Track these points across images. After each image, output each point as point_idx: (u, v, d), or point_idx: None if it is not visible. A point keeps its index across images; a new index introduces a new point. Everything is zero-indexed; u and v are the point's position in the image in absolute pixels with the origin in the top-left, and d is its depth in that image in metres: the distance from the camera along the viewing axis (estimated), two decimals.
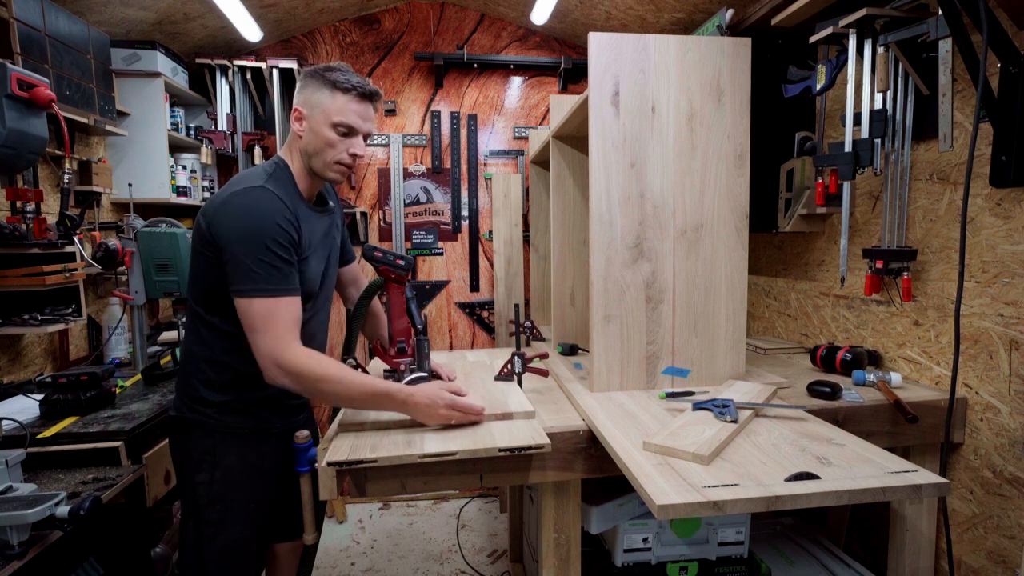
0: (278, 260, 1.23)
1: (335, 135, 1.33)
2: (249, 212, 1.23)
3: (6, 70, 1.58)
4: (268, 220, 1.22)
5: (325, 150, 1.33)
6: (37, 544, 1.23)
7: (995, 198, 1.47)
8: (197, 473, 1.36)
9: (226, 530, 1.37)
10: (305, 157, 1.37)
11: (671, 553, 1.73)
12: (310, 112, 1.34)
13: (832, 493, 0.99)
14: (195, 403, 1.36)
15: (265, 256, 1.21)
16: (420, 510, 3.18)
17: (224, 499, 1.36)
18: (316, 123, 1.33)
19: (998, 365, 1.47)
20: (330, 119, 1.32)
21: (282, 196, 1.28)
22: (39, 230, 1.91)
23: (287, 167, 1.37)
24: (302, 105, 1.35)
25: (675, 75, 1.57)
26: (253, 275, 1.21)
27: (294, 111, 1.36)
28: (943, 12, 1.29)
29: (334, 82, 1.31)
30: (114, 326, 2.37)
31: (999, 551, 1.48)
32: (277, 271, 1.23)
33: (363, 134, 1.37)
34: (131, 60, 2.53)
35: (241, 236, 1.21)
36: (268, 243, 1.21)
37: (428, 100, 3.24)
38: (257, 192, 1.25)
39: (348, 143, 1.35)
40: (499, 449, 1.24)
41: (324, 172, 1.37)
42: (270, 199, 1.25)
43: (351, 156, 1.36)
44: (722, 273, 1.63)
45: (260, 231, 1.21)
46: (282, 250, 1.24)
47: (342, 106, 1.32)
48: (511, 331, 1.92)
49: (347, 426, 1.36)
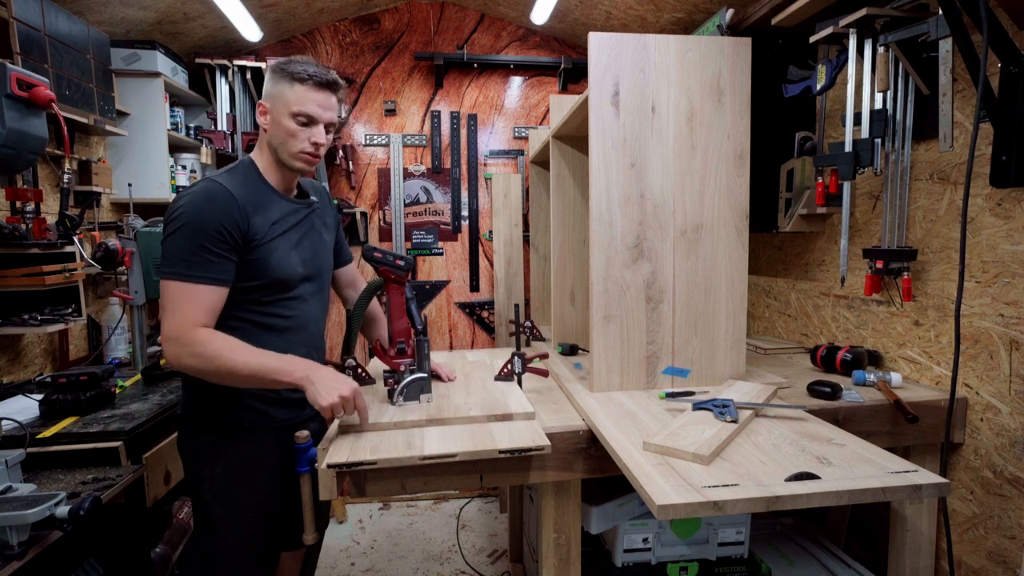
0: (204, 250, 1.24)
1: (295, 125, 1.35)
2: (190, 204, 1.26)
3: (6, 70, 1.58)
4: (204, 213, 1.25)
5: (288, 140, 1.36)
6: (37, 544, 1.23)
7: (995, 198, 1.47)
8: (201, 469, 1.38)
9: (233, 524, 1.38)
10: (272, 150, 1.40)
11: (671, 553, 1.73)
12: (272, 105, 1.37)
13: (832, 493, 0.99)
14: (196, 400, 1.38)
15: (191, 244, 1.23)
16: (420, 510, 3.18)
17: (228, 494, 1.37)
18: (278, 114, 1.36)
19: (998, 365, 1.47)
20: (290, 109, 1.35)
21: (233, 187, 1.30)
22: (39, 230, 1.91)
23: (251, 163, 1.41)
24: (265, 99, 1.38)
25: (675, 75, 1.57)
26: (174, 259, 1.23)
27: (259, 106, 1.40)
28: (943, 12, 1.29)
29: (292, 73, 1.34)
30: (114, 326, 2.37)
31: (999, 551, 1.48)
32: (200, 258, 1.24)
33: (324, 123, 1.39)
34: (131, 60, 2.53)
35: (177, 224, 1.24)
36: (197, 232, 1.23)
37: (428, 100, 3.24)
38: (203, 186, 1.29)
39: (309, 132, 1.37)
40: (499, 451, 1.24)
41: (290, 162, 1.39)
42: (214, 190, 1.28)
43: (313, 145, 1.38)
44: (722, 273, 1.63)
45: (192, 219, 1.24)
46: (212, 241, 1.24)
47: (301, 96, 1.34)
48: (511, 331, 1.92)
49: (347, 427, 1.36)
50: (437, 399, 1.55)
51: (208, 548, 1.39)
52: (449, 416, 1.40)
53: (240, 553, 1.40)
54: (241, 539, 1.39)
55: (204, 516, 1.40)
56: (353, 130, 3.21)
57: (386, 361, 1.55)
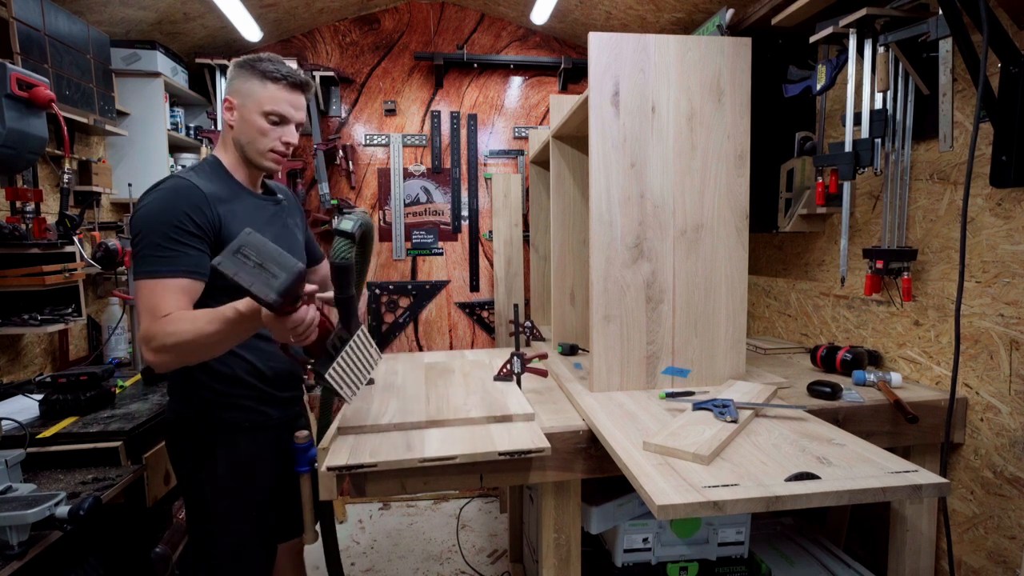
0: (173, 242, 1.20)
1: (267, 124, 1.34)
2: (152, 201, 1.23)
3: (6, 70, 1.58)
4: (168, 207, 1.21)
5: (257, 138, 1.35)
6: (37, 544, 1.23)
7: (995, 198, 1.47)
8: (200, 471, 1.36)
9: (235, 523, 1.38)
10: (238, 147, 1.37)
11: (671, 553, 1.73)
12: (241, 101, 1.34)
13: (832, 493, 0.99)
14: (191, 402, 1.36)
15: (161, 239, 1.19)
16: (420, 510, 3.18)
17: (230, 493, 1.37)
18: (247, 112, 1.34)
19: (998, 365, 1.47)
20: (262, 108, 1.33)
21: (198, 182, 1.27)
22: (39, 230, 1.90)
23: (217, 160, 1.39)
24: (232, 95, 1.35)
25: (675, 75, 1.57)
26: (144, 258, 1.19)
27: (224, 101, 1.36)
28: (943, 12, 1.29)
29: (264, 72, 1.33)
30: (114, 326, 2.37)
31: (999, 551, 1.48)
32: (172, 252, 1.19)
33: (295, 123, 1.38)
34: (131, 60, 2.53)
35: (140, 224, 1.21)
36: (166, 225, 1.20)
37: (428, 100, 3.24)
38: (166, 183, 1.26)
39: (280, 131, 1.36)
40: (499, 453, 1.24)
41: (258, 161, 1.38)
42: (178, 188, 1.24)
43: (284, 144, 1.37)
44: (722, 273, 1.63)
45: (158, 214, 1.20)
46: (179, 234, 1.20)
47: (273, 95, 1.33)
48: (511, 331, 1.92)
49: (346, 428, 1.36)
50: (436, 400, 1.55)
51: (211, 549, 1.38)
52: (448, 417, 1.40)
53: (244, 550, 1.40)
54: (244, 537, 1.39)
55: (205, 517, 1.38)
56: (353, 130, 3.21)
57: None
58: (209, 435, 1.36)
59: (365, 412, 1.45)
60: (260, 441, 1.40)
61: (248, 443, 1.39)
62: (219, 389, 1.34)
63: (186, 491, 1.42)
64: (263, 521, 1.43)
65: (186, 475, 1.40)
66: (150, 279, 1.18)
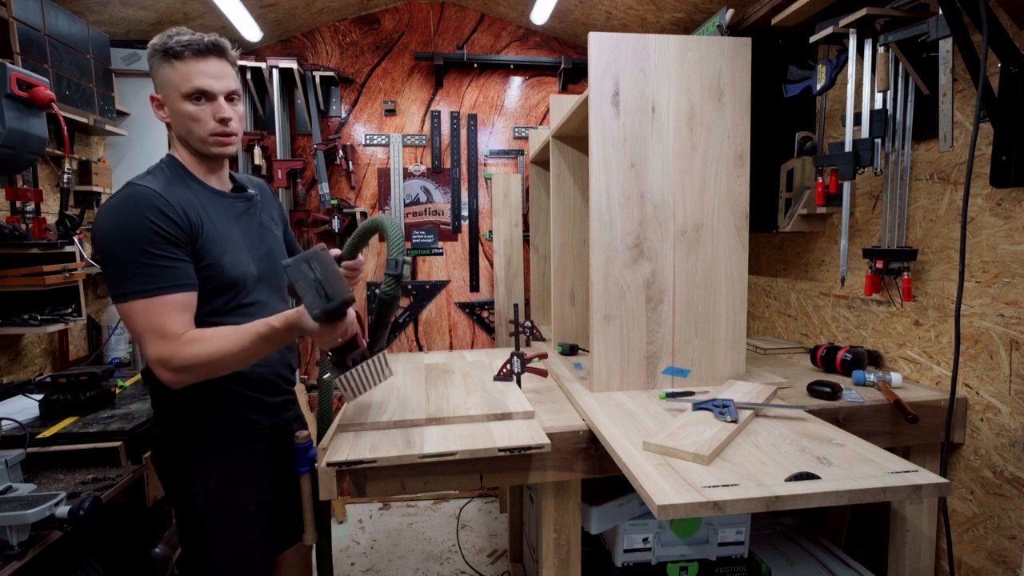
0: (153, 257, 1.13)
1: (192, 106, 1.21)
2: (114, 215, 1.14)
3: (6, 70, 1.57)
4: (138, 217, 1.13)
5: (191, 126, 1.23)
6: (37, 544, 1.23)
7: (995, 198, 1.47)
8: (191, 484, 1.30)
9: (230, 536, 1.32)
10: (183, 142, 1.27)
11: (671, 553, 1.73)
12: (164, 93, 1.23)
13: (832, 493, 0.99)
14: (176, 416, 1.29)
15: (138, 256, 1.12)
16: (420, 510, 3.18)
17: (224, 505, 1.31)
18: (171, 101, 1.22)
19: (998, 365, 1.47)
20: (180, 90, 1.20)
21: (157, 187, 1.18)
22: (39, 230, 1.91)
23: (172, 159, 1.29)
24: (156, 90, 1.25)
25: (675, 75, 1.57)
26: (124, 279, 1.12)
27: (152, 100, 1.27)
28: (943, 12, 1.29)
29: (168, 50, 1.19)
30: (114, 326, 2.37)
31: (999, 551, 1.48)
32: (153, 269, 1.12)
33: (224, 94, 1.24)
34: (131, 60, 2.53)
35: (109, 242, 1.13)
36: (140, 242, 1.12)
37: (428, 100, 3.24)
38: (123, 193, 1.17)
39: (211, 108, 1.23)
40: (499, 449, 1.24)
41: (203, 149, 1.26)
42: (138, 196, 1.15)
43: (221, 122, 1.24)
44: (722, 273, 1.63)
45: (128, 230, 1.12)
46: (158, 246, 1.13)
47: (184, 72, 1.20)
48: (511, 331, 1.92)
49: (346, 426, 1.36)
50: (436, 399, 1.55)
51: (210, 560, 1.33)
52: (448, 415, 1.41)
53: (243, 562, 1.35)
54: (241, 548, 1.34)
55: (197, 531, 1.32)
56: (353, 130, 3.21)
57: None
58: (199, 447, 1.30)
59: (365, 410, 1.45)
60: (253, 451, 1.35)
61: (241, 453, 1.33)
62: (205, 399, 1.27)
63: (177, 505, 1.34)
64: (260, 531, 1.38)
65: (176, 489, 1.33)
66: (143, 299, 1.11)
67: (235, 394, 1.31)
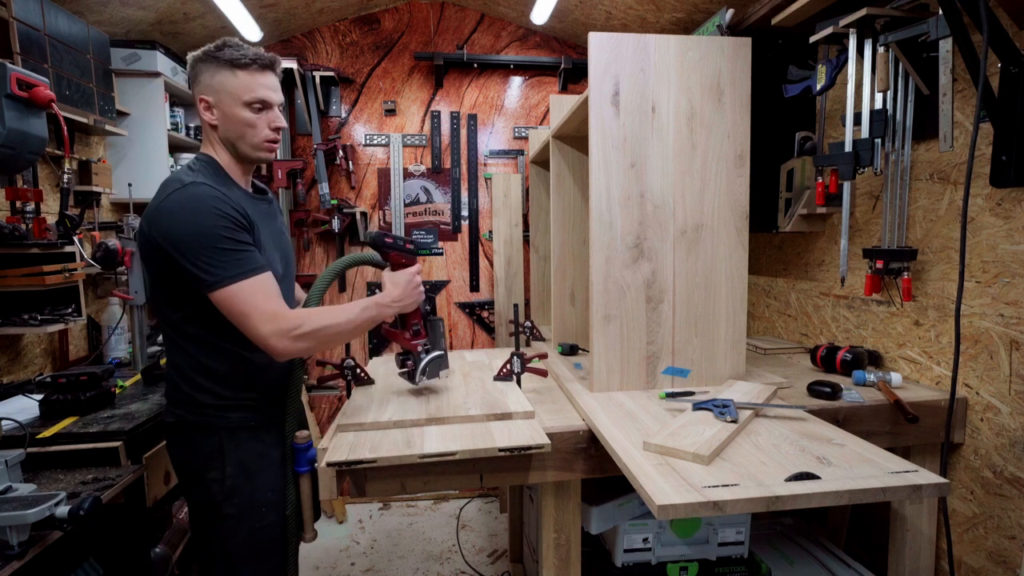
0: (234, 244, 1.20)
1: (251, 114, 1.30)
2: (188, 209, 1.20)
3: (6, 70, 1.57)
4: (209, 211, 1.20)
5: (247, 132, 1.31)
6: (37, 544, 1.23)
7: (995, 198, 1.47)
8: (208, 472, 1.33)
9: (247, 520, 1.35)
10: (229, 145, 1.34)
11: (671, 553, 1.73)
12: (217, 98, 1.29)
13: (832, 493, 0.99)
14: (194, 407, 1.33)
15: (221, 244, 1.19)
16: (420, 510, 3.18)
17: (240, 492, 1.34)
18: (227, 107, 1.29)
19: (998, 365, 1.47)
20: (241, 98, 1.28)
21: (214, 184, 1.25)
22: (39, 230, 1.90)
23: (212, 160, 1.34)
24: (206, 93, 1.30)
25: (675, 75, 1.57)
26: (218, 266, 1.18)
27: (200, 101, 1.31)
28: (943, 12, 1.29)
29: (232, 60, 1.27)
30: (114, 326, 2.37)
31: (999, 551, 1.48)
32: (238, 254, 1.20)
33: (277, 105, 1.34)
34: (131, 60, 2.53)
35: (190, 235, 1.18)
36: (218, 231, 1.19)
37: (428, 100, 3.24)
38: (191, 188, 1.22)
39: (266, 117, 1.33)
40: (499, 449, 1.24)
41: (254, 154, 1.34)
42: (201, 193, 1.22)
43: (275, 131, 1.34)
44: (722, 273, 1.63)
45: (206, 224, 1.19)
46: (235, 233, 1.21)
47: (248, 82, 1.28)
48: (511, 331, 1.92)
49: (346, 426, 1.36)
50: (436, 399, 1.55)
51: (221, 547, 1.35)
52: (448, 415, 1.41)
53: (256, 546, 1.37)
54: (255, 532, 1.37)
55: (212, 517, 1.35)
56: (353, 130, 3.21)
57: (403, 343, 1.54)
58: (215, 437, 1.33)
59: (365, 410, 1.45)
60: (266, 440, 1.39)
61: (255, 442, 1.37)
62: (224, 392, 1.33)
63: (192, 494, 1.38)
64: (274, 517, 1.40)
65: (192, 478, 1.36)
66: (241, 280, 1.19)
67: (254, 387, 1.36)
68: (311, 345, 1.25)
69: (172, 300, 1.29)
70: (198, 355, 1.31)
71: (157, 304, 1.33)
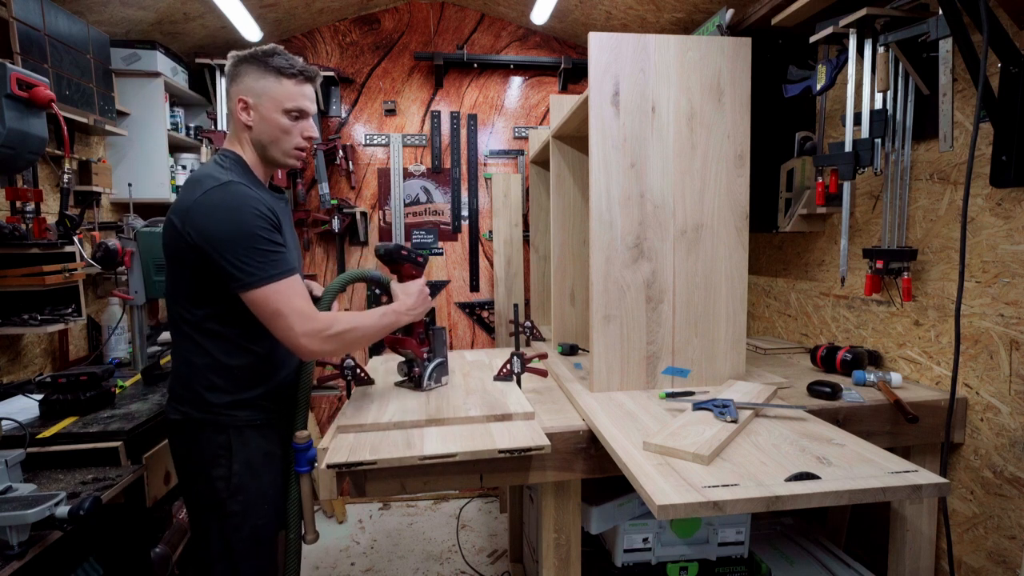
0: (270, 245, 1.24)
1: (289, 121, 1.34)
2: (228, 207, 1.22)
3: (6, 70, 1.57)
4: (248, 211, 1.23)
5: (281, 138, 1.35)
6: (37, 544, 1.23)
7: (995, 198, 1.47)
8: (213, 469, 1.34)
9: (251, 518, 1.36)
10: (259, 147, 1.37)
11: (671, 553, 1.73)
12: (257, 100, 1.33)
13: (832, 493, 0.99)
14: (203, 405, 1.34)
15: (259, 244, 1.22)
16: (420, 510, 3.18)
17: (246, 489, 1.35)
18: (266, 111, 1.33)
19: (998, 365, 1.47)
20: (282, 106, 1.33)
21: (248, 184, 1.29)
22: (39, 230, 1.90)
23: (240, 158, 1.36)
24: (246, 93, 1.33)
25: (675, 75, 1.57)
26: (255, 266, 1.21)
27: (239, 101, 1.34)
28: (943, 12, 1.29)
29: (279, 68, 1.32)
30: (114, 326, 2.37)
31: (999, 551, 1.48)
32: (273, 255, 1.24)
33: (312, 115, 1.40)
34: (131, 60, 2.53)
35: (229, 233, 1.21)
36: (257, 231, 1.22)
37: (428, 100, 3.24)
38: (230, 187, 1.25)
39: (301, 127, 1.37)
40: (499, 451, 1.24)
41: (283, 160, 1.38)
42: (240, 193, 1.25)
43: (307, 139, 1.39)
44: (722, 273, 1.63)
45: (245, 223, 1.22)
46: (270, 234, 1.25)
47: (291, 91, 1.33)
48: (511, 331, 1.93)
49: (346, 427, 1.36)
50: (436, 399, 1.55)
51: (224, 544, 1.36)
52: (448, 416, 1.41)
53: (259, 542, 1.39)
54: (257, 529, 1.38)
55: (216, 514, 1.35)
56: (353, 130, 3.21)
57: (413, 349, 1.64)
58: (222, 434, 1.34)
59: (365, 411, 1.45)
60: (270, 437, 1.40)
61: (260, 439, 1.38)
62: (237, 390, 1.34)
63: (195, 491, 1.38)
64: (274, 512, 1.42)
65: (196, 476, 1.36)
66: (276, 281, 1.23)
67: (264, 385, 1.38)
68: (338, 347, 1.31)
69: (197, 297, 1.30)
70: (217, 353, 1.32)
71: (177, 301, 1.33)
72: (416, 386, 1.65)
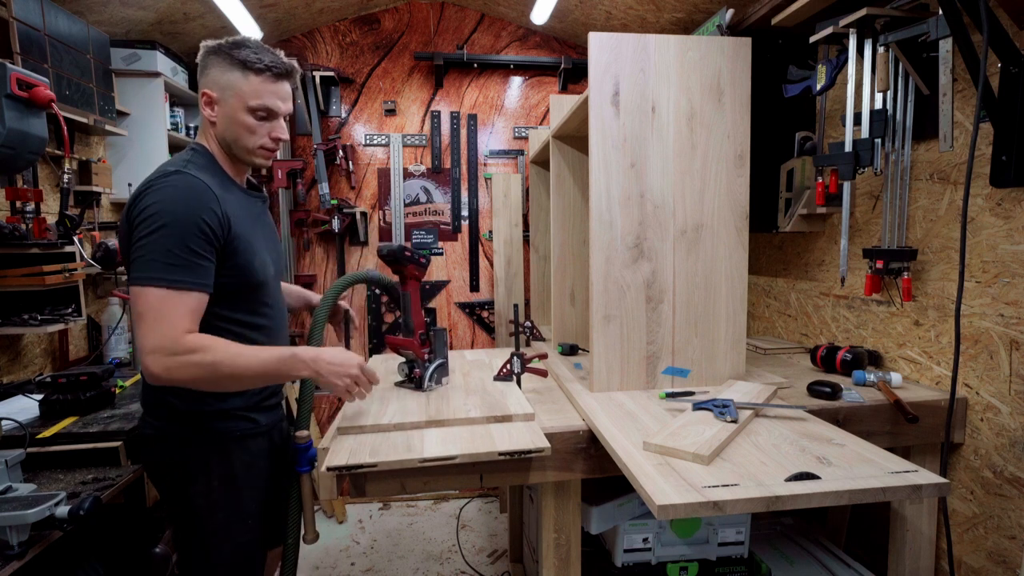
0: (189, 253, 1.12)
1: (253, 120, 1.24)
2: (167, 202, 1.12)
3: (6, 70, 1.57)
4: (184, 211, 1.13)
5: (244, 136, 1.25)
6: (37, 544, 1.23)
7: (995, 198, 1.47)
8: (192, 485, 1.27)
9: (233, 535, 1.31)
10: (224, 144, 1.28)
11: (671, 553, 1.73)
12: (221, 95, 1.23)
13: (832, 493, 0.99)
14: (176, 417, 1.27)
15: (175, 247, 1.11)
16: (420, 510, 3.18)
17: (226, 505, 1.29)
18: (230, 107, 1.23)
19: (998, 365, 1.47)
20: (246, 103, 1.22)
21: (206, 179, 1.19)
22: (39, 230, 1.90)
23: (207, 151, 1.28)
24: (210, 87, 1.23)
25: (675, 75, 1.57)
26: (155, 263, 1.10)
27: (202, 94, 1.24)
28: (943, 12, 1.29)
29: (245, 61, 1.20)
30: (114, 326, 2.37)
31: (999, 551, 1.48)
32: (185, 263, 1.12)
33: (283, 115, 1.29)
34: (131, 60, 2.53)
35: (152, 224, 1.11)
36: (183, 231, 1.11)
37: (428, 100, 3.24)
38: (175, 178, 1.15)
39: (269, 127, 1.27)
40: (499, 453, 1.24)
41: (248, 159, 1.29)
42: (190, 185, 1.15)
43: (274, 140, 1.28)
44: (722, 273, 1.63)
45: (174, 221, 1.11)
46: (196, 243, 1.13)
47: (257, 88, 1.22)
48: (511, 331, 1.93)
49: (346, 429, 1.36)
50: (436, 400, 1.55)
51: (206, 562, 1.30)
52: (448, 417, 1.40)
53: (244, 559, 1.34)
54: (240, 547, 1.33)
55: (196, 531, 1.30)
56: (353, 130, 3.21)
57: (415, 350, 1.65)
58: (199, 448, 1.27)
59: (365, 412, 1.45)
60: (252, 449, 1.34)
61: (241, 452, 1.32)
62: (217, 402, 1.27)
63: (174, 507, 1.31)
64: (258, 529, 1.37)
65: (173, 491, 1.30)
66: (162, 288, 1.10)
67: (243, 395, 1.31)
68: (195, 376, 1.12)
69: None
70: None
71: None
72: (417, 387, 1.65)
